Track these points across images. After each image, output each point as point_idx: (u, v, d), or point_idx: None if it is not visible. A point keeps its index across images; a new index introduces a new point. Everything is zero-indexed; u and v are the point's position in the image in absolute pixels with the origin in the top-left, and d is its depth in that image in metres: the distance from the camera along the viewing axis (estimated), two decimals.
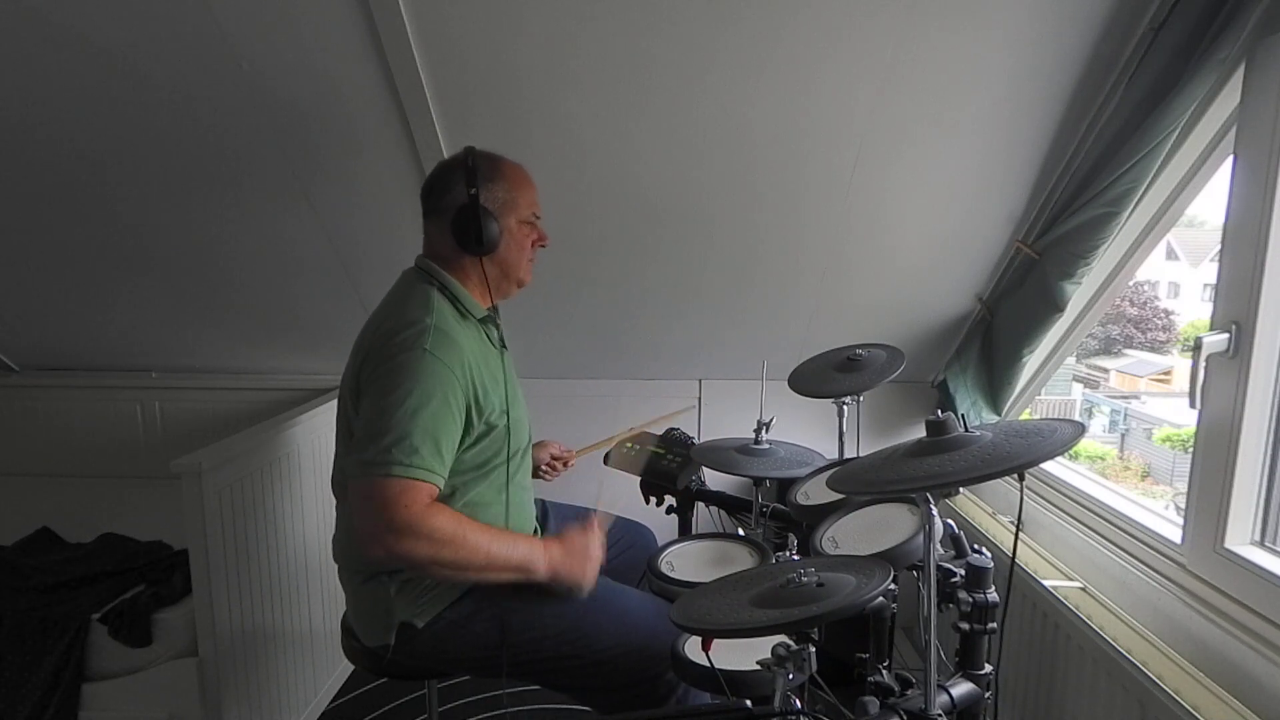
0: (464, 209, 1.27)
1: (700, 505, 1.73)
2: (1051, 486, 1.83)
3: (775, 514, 1.57)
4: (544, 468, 1.68)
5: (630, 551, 1.60)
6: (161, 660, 1.60)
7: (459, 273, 1.32)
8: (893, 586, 1.04)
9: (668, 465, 1.67)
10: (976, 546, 1.12)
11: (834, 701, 1.23)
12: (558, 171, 1.37)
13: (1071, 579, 1.58)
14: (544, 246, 1.40)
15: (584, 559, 1.26)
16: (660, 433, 1.77)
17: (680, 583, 1.28)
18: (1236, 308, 1.24)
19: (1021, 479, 0.90)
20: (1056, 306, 1.66)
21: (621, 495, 1.73)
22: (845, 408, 1.58)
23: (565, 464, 1.71)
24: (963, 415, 1.01)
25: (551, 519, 1.55)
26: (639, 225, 1.86)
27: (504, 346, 1.40)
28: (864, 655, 1.16)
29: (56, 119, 1.68)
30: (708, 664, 0.97)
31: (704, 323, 2.18)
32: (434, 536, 1.12)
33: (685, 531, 1.71)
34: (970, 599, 1.06)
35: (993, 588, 1.06)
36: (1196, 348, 1.27)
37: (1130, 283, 1.76)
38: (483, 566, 1.18)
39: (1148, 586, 1.42)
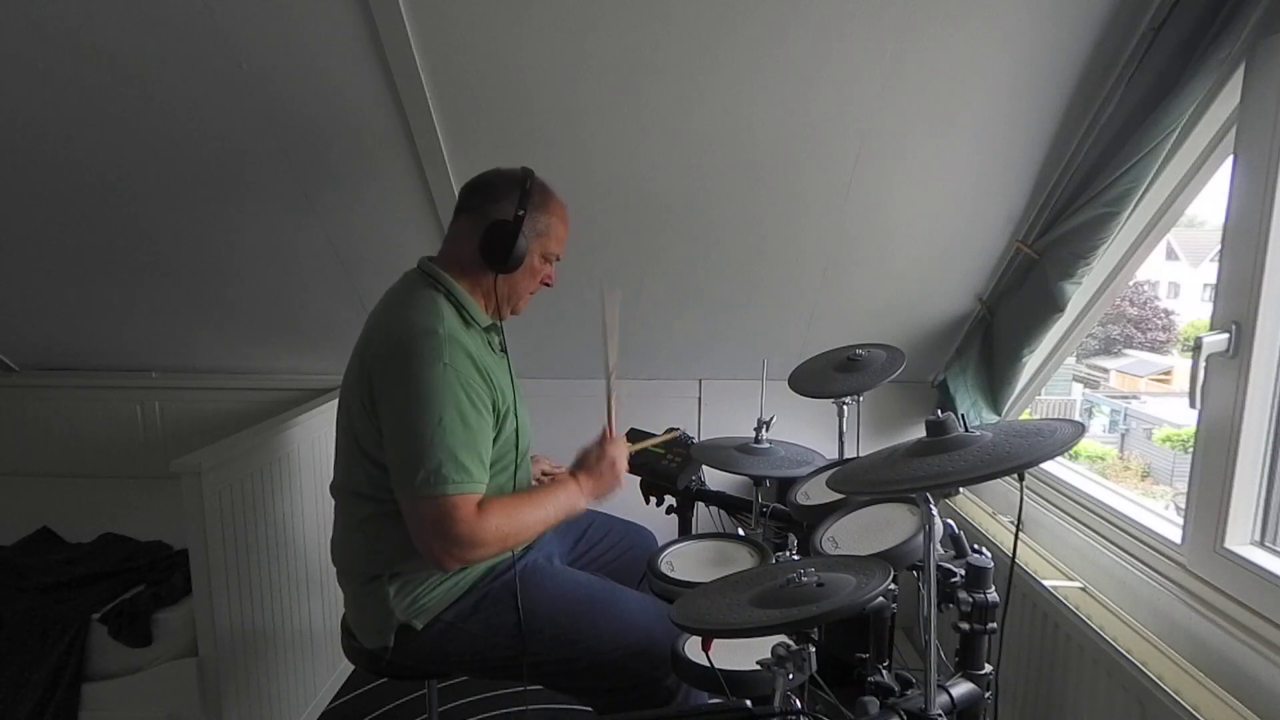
0: (505, 224, 1.28)
1: (700, 505, 1.73)
2: (1051, 486, 1.83)
3: (775, 514, 1.57)
4: (534, 484, 1.66)
5: (631, 552, 1.60)
6: (161, 660, 1.60)
7: (468, 280, 1.32)
8: (893, 586, 1.04)
9: (668, 465, 1.67)
10: (976, 546, 1.12)
11: (834, 701, 1.23)
12: (559, 171, 1.38)
13: (1071, 579, 1.58)
14: (549, 286, 1.42)
15: (611, 472, 1.37)
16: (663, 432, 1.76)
17: (680, 583, 1.28)
18: (1236, 308, 1.24)
19: (1021, 479, 0.90)
20: (1056, 306, 1.66)
21: (622, 495, 1.73)
22: (845, 408, 1.58)
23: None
24: (963, 415, 1.01)
25: None
26: (640, 225, 1.86)
27: (504, 352, 1.41)
28: (864, 655, 1.15)
29: (57, 121, 1.68)
30: (708, 664, 0.97)
31: (704, 323, 2.18)
32: (496, 535, 1.19)
33: (685, 531, 1.71)
34: (970, 599, 1.06)
35: (993, 588, 1.07)
36: (1196, 348, 1.27)
37: (1130, 283, 1.76)
38: (540, 532, 1.29)
39: (1148, 586, 1.42)
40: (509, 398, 1.31)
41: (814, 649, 0.90)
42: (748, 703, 0.97)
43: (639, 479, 1.70)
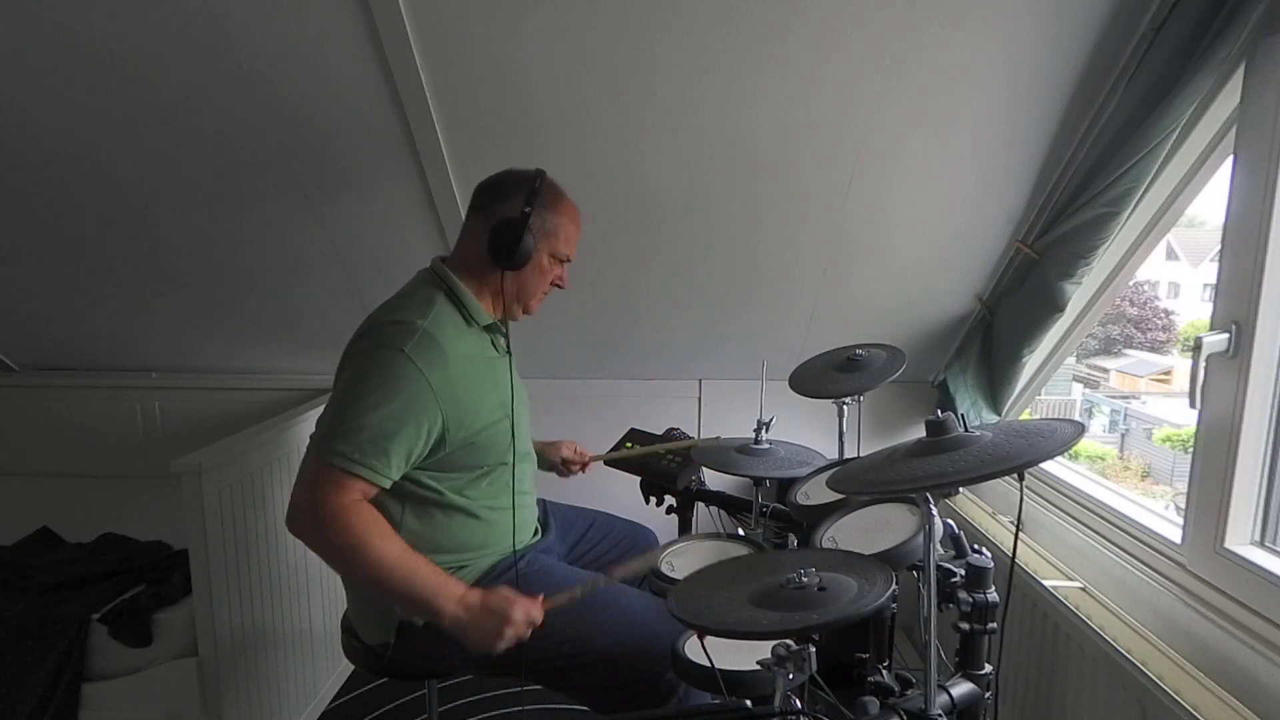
0: (511, 222, 1.27)
1: (700, 505, 1.73)
2: (1051, 486, 1.83)
3: (775, 514, 1.57)
4: (559, 466, 1.69)
5: (631, 552, 1.60)
6: (161, 660, 1.60)
7: (475, 279, 1.32)
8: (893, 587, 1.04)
9: (667, 465, 1.67)
10: (976, 546, 1.12)
11: (834, 701, 1.23)
12: (559, 171, 1.38)
13: (1071, 579, 1.58)
14: (560, 288, 1.41)
15: (497, 626, 1.13)
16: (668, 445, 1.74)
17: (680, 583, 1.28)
18: (1236, 308, 1.24)
19: (1021, 479, 0.90)
20: (1056, 306, 1.66)
21: (622, 495, 1.73)
22: (845, 408, 1.58)
23: (583, 467, 1.70)
24: (963, 415, 1.01)
25: (552, 520, 1.55)
26: (640, 225, 1.86)
27: (508, 353, 1.40)
28: (864, 655, 1.15)
29: (58, 121, 1.68)
30: (707, 661, 0.97)
31: (704, 323, 2.17)
32: (341, 533, 1.13)
33: (685, 531, 1.71)
34: (970, 599, 1.06)
35: (993, 588, 1.07)
36: (1196, 348, 1.27)
37: (1130, 283, 1.76)
38: (375, 582, 1.16)
39: (1148, 586, 1.42)
40: (478, 409, 1.27)
41: (814, 649, 0.90)
42: (748, 703, 0.97)
43: (639, 479, 1.71)
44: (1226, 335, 1.25)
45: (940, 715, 0.92)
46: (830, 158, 1.65)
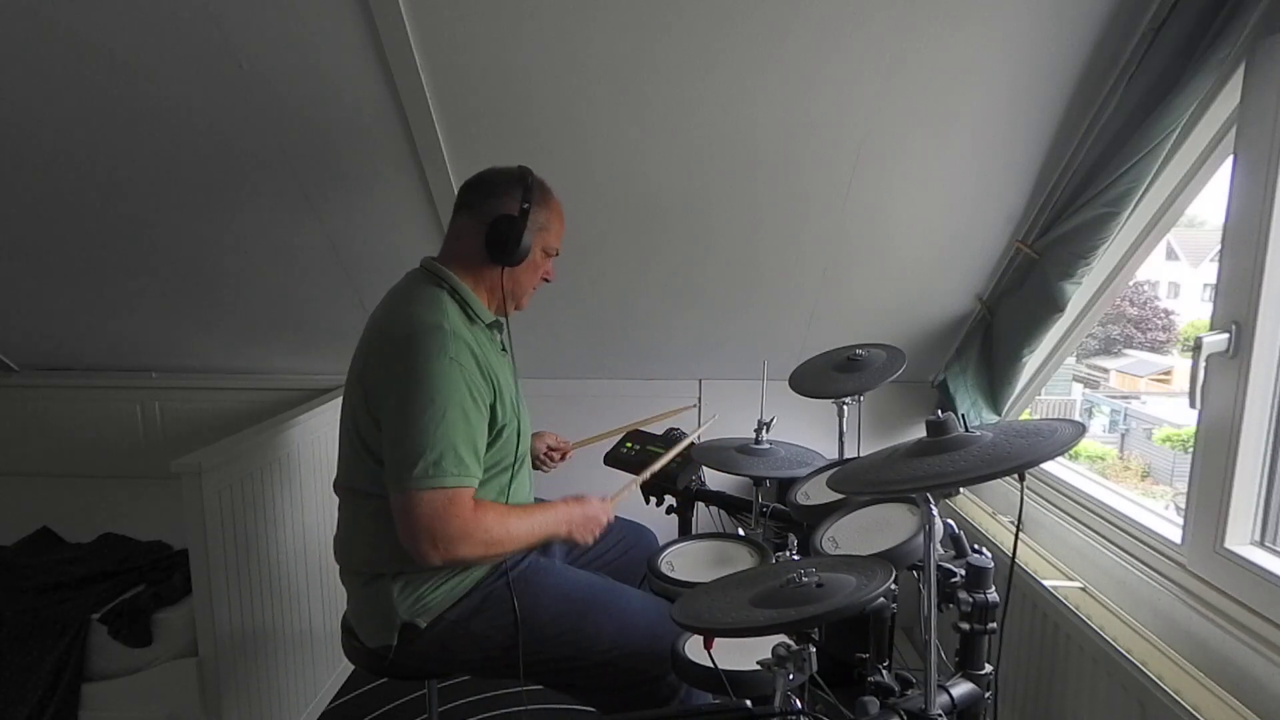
0: (510, 219, 1.29)
1: (700, 505, 1.73)
2: (1051, 486, 1.83)
3: (775, 514, 1.57)
4: (542, 458, 1.69)
5: (631, 552, 1.60)
6: (161, 660, 1.60)
7: (471, 276, 1.33)
8: (893, 586, 1.04)
9: (668, 465, 1.67)
10: (976, 546, 1.12)
11: (834, 701, 1.23)
12: (559, 171, 1.38)
13: (1071, 579, 1.58)
14: (548, 281, 1.44)
15: (594, 524, 1.36)
16: (660, 432, 1.77)
17: (680, 583, 1.28)
18: (1236, 308, 1.24)
19: (1021, 479, 0.90)
20: (1056, 306, 1.66)
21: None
22: (845, 408, 1.58)
23: (563, 456, 1.72)
24: (963, 415, 1.01)
25: None
26: (640, 224, 1.86)
27: (507, 351, 1.41)
28: (864, 655, 1.15)
29: (57, 120, 1.68)
30: (709, 663, 0.97)
31: (704, 323, 2.18)
32: (485, 537, 1.19)
33: (685, 531, 1.71)
34: (970, 599, 1.06)
35: (993, 588, 1.06)
36: (1196, 348, 1.27)
37: (1130, 283, 1.76)
38: (522, 549, 1.29)
39: (1148, 586, 1.42)
40: (511, 398, 1.30)
41: (814, 649, 0.90)
42: (748, 703, 0.97)
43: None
44: (1226, 335, 1.25)
45: (940, 715, 0.92)
46: (830, 158, 1.65)
